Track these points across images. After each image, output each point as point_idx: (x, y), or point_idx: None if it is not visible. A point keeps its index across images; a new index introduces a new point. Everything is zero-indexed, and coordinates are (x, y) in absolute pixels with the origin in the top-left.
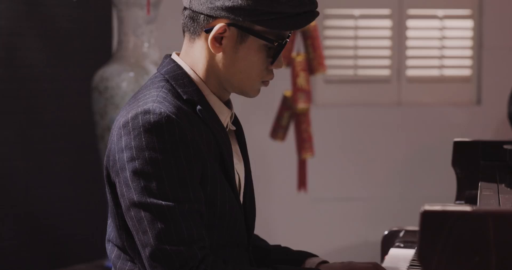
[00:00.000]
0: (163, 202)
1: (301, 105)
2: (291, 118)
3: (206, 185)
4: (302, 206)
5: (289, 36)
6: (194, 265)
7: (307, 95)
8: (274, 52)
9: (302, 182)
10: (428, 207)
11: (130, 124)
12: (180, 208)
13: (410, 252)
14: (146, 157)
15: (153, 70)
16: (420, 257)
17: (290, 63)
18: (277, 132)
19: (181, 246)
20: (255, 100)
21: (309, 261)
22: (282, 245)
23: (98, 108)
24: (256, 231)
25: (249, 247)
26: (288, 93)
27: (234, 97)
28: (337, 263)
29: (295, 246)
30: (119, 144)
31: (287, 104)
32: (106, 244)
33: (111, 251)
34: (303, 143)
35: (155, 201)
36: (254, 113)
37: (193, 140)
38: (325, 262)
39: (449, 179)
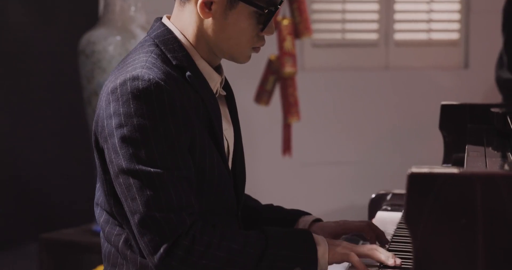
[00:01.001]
0: (151, 169)
1: (288, 69)
2: (276, 82)
3: (194, 151)
4: (287, 170)
5: (281, 2)
6: (183, 231)
7: (293, 59)
8: (265, 19)
9: (287, 147)
10: (415, 170)
11: (118, 90)
12: (169, 175)
13: (397, 215)
14: (134, 124)
15: (140, 33)
16: (407, 219)
17: (276, 27)
18: (262, 96)
19: (170, 212)
20: (239, 64)
21: (302, 219)
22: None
23: (85, 72)
24: None
25: (238, 213)
26: (273, 57)
27: None
28: (330, 222)
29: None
30: (108, 110)
31: (272, 68)
32: (94, 208)
33: (100, 215)
34: (289, 108)
35: (143, 168)
36: (238, 78)
37: (182, 107)
38: (318, 220)
39: (437, 143)
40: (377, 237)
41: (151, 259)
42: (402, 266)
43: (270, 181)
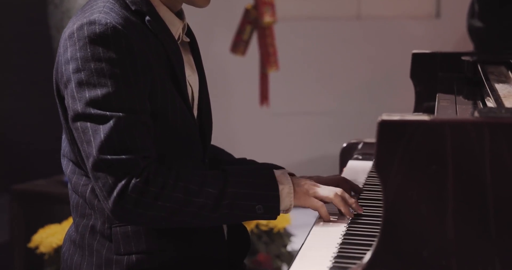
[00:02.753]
0: (107, 113)
1: (267, 18)
2: (253, 32)
3: (156, 96)
4: (264, 120)
5: None
6: (136, 173)
7: (272, 8)
8: None
9: (264, 97)
10: (385, 117)
11: (75, 35)
12: (125, 119)
13: (368, 164)
14: (91, 68)
15: None
16: (377, 167)
17: None
18: (238, 46)
19: (123, 155)
20: (215, 14)
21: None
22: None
23: (54, 21)
24: (217, 146)
25: (205, 159)
26: (250, 6)
27: (193, 11)
28: (304, 177)
29: (257, 160)
30: (65, 56)
31: (249, 18)
32: (61, 160)
33: (66, 166)
34: (268, 57)
35: (99, 112)
36: (214, 27)
37: (140, 52)
38: (292, 175)
39: (409, 92)
40: (353, 190)
41: (106, 204)
42: (373, 214)
43: (245, 131)
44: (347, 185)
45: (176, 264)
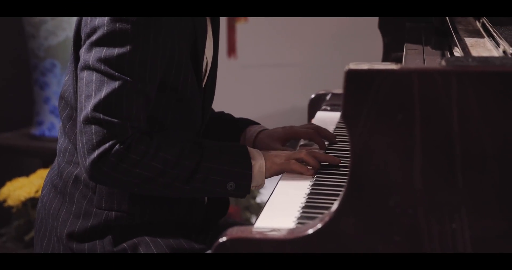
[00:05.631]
0: (116, 73)
1: None
2: None
3: (170, 70)
4: (232, 72)
5: None
6: (121, 139)
7: None
8: None
9: (232, 48)
10: (353, 67)
11: None
12: (130, 84)
13: (336, 115)
14: (116, 27)
15: None
16: (344, 118)
17: None
18: None
19: (115, 118)
20: None
21: (249, 129)
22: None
23: None
24: None
25: (200, 130)
26: None
27: None
28: (278, 128)
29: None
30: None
31: None
32: (59, 100)
33: (63, 108)
34: None
35: (109, 69)
36: None
37: (167, 23)
38: (266, 129)
39: (377, 43)
40: (327, 139)
41: (83, 161)
42: (341, 164)
43: None
44: (320, 139)
45: (152, 224)
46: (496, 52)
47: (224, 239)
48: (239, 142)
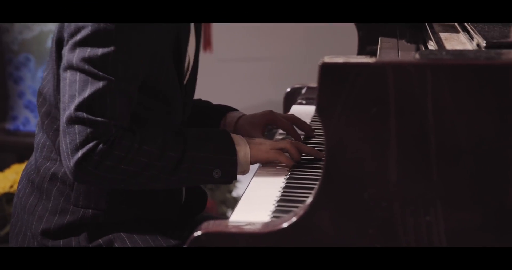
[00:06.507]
0: (100, 73)
1: None
2: None
3: (153, 67)
4: (208, 66)
5: None
6: (105, 139)
7: None
8: None
9: (207, 43)
10: (327, 60)
11: None
12: (113, 85)
13: (312, 108)
14: (100, 27)
15: None
16: (319, 111)
17: None
18: None
19: (99, 117)
20: None
21: (229, 114)
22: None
23: None
24: None
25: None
26: None
27: None
28: (257, 114)
29: None
30: None
31: None
32: (37, 96)
33: (41, 104)
34: None
35: (93, 69)
36: None
37: (151, 26)
38: (245, 115)
39: (352, 36)
40: (304, 131)
41: (67, 162)
42: (316, 158)
43: None
44: (295, 132)
45: (129, 221)
46: (470, 46)
47: (199, 233)
48: (220, 128)
